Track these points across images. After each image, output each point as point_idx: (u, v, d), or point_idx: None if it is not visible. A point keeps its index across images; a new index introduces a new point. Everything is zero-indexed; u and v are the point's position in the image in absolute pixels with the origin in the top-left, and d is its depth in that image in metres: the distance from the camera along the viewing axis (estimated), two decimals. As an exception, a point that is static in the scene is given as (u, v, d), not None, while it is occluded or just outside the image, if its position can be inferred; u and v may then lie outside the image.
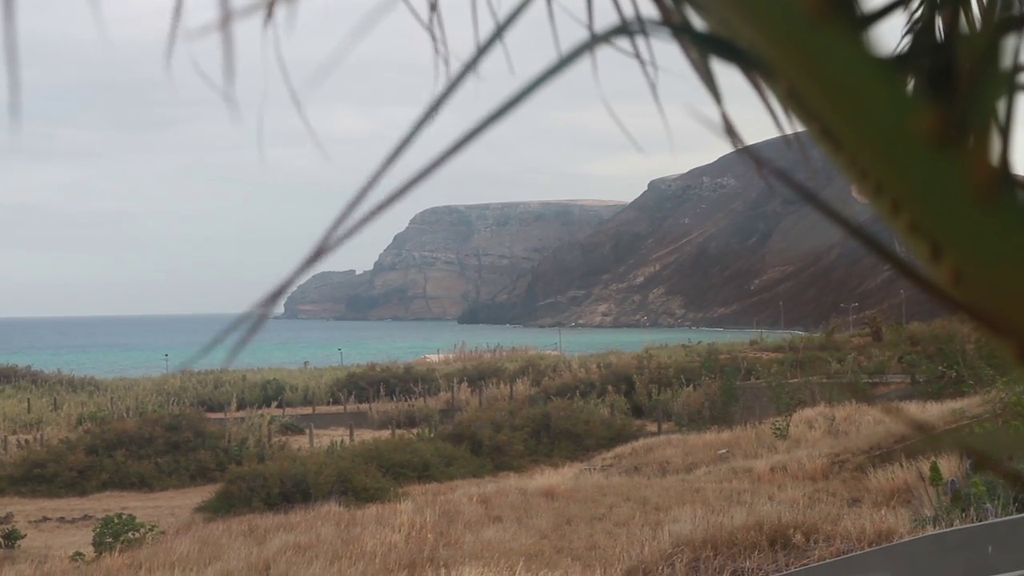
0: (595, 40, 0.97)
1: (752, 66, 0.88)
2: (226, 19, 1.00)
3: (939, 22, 1.63)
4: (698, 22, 0.99)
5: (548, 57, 1.05)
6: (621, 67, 1.27)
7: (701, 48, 1.01)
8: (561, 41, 1.34)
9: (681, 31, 1.00)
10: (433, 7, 1.48)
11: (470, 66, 0.99)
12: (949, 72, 0.83)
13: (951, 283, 0.81)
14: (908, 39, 1.70)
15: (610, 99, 1.41)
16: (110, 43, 1.33)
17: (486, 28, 1.37)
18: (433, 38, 1.46)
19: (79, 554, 21.14)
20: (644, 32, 1.04)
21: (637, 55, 1.26)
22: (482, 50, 1.00)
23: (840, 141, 0.79)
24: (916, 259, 0.81)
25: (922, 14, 1.67)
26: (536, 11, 1.33)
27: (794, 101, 0.81)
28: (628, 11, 1.31)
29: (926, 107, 0.77)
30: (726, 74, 1.06)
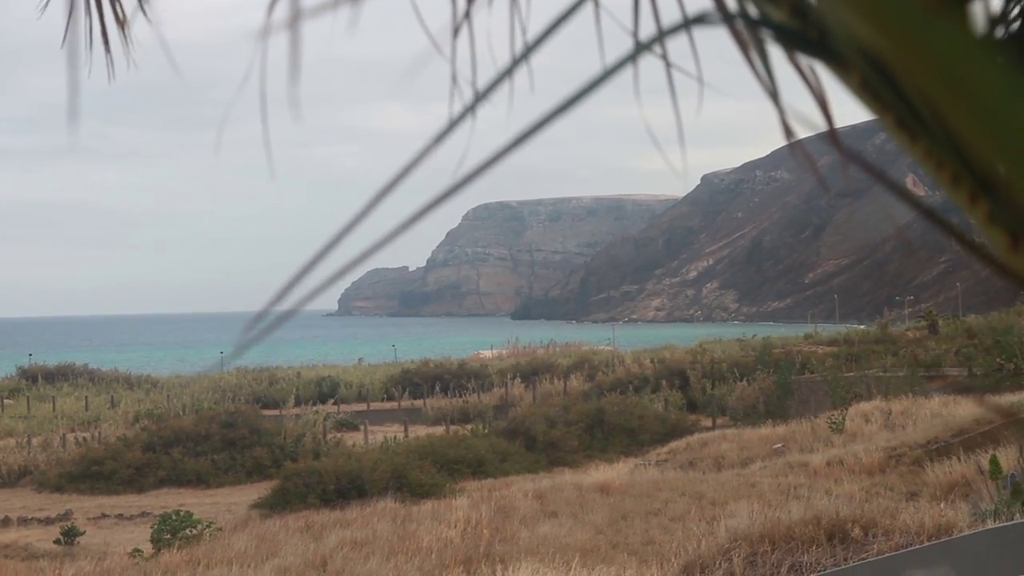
0: (640, 48, 0.96)
1: (823, 56, 0.87)
2: (295, 18, 1.00)
3: None
4: (755, 12, 0.98)
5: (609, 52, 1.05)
6: (677, 59, 1.26)
7: (761, 37, 1.01)
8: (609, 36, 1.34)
9: (744, 22, 0.99)
10: (456, 32, 1.48)
11: (466, 111, 0.99)
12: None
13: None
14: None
15: (658, 93, 1.41)
16: (164, 42, 1.35)
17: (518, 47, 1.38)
18: (453, 67, 1.47)
19: (138, 551, 21.34)
20: (705, 24, 1.04)
21: (665, 59, 1.25)
22: (480, 96, 1.00)
23: (918, 131, 0.79)
24: (993, 247, 0.81)
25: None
26: (585, 15, 1.33)
27: (868, 92, 0.81)
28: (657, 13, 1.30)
29: None
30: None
